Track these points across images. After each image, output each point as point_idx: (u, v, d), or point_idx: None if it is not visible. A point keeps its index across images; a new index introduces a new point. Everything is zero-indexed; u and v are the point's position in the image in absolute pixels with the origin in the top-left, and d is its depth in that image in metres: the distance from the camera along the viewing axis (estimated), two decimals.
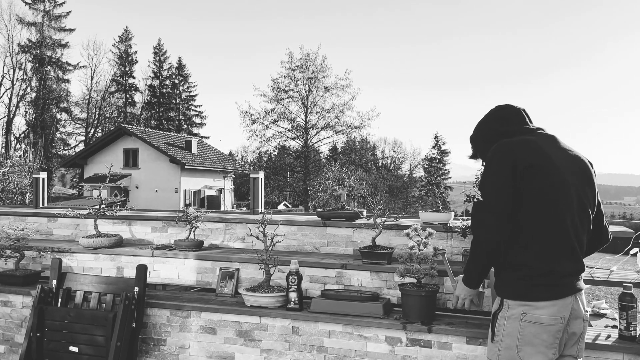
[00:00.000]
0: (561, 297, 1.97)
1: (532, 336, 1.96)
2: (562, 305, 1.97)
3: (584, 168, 2.14)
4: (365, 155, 32.30)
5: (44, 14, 39.00)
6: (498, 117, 2.28)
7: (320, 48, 31.28)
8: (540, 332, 1.95)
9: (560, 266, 1.99)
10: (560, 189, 2.01)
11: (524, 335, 1.97)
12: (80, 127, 42.80)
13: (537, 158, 2.02)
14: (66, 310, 3.52)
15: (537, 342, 1.95)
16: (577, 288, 2.02)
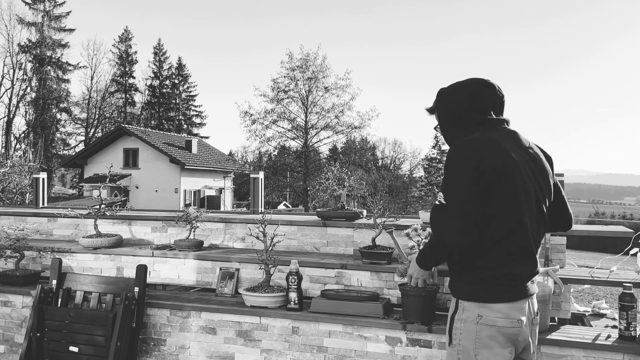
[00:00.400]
0: (518, 299, 1.95)
1: (489, 339, 1.93)
2: (518, 308, 1.95)
3: (542, 167, 2.07)
4: (365, 155, 32.29)
5: (44, 14, 39.00)
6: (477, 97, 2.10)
7: (320, 48, 31.30)
8: (496, 335, 1.92)
9: (519, 269, 1.97)
10: (522, 193, 1.96)
11: (480, 338, 1.94)
12: (80, 127, 42.82)
13: (501, 161, 1.94)
14: (66, 310, 3.52)
15: (493, 344, 1.92)
16: (531, 292, 2.00)
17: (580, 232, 3.60)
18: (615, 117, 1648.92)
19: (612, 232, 3.45)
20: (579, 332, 2.88)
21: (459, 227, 1.91)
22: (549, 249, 3.13)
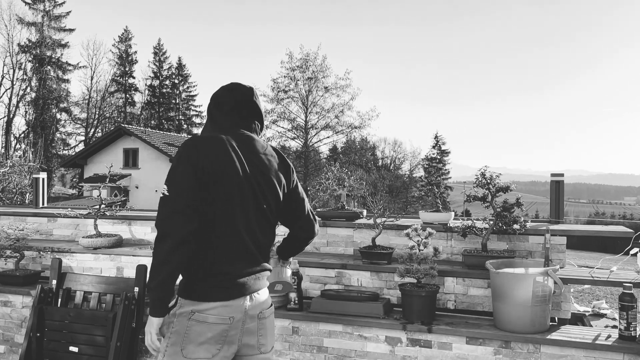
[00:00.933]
0: (232, 298, 2.00)
1: (197, 335, 1.98)
2: (231, 307, 2.00)
3: (268, 172, 2.12)
4: (365, 155, 32.32)
5: (44, 14, 39.00)
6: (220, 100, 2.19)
7: (320, 48, 31.26)
8: (205, 331, 1.98)
9: (234, 268, 2.01)
10: (237, 195, 2.02)
11: (189, 333, 1.99)
12: (80, 127, 42.81)
13: (219, 162, 2.00)
14: (66, 310, 3.52)
15: (201, 340, 1.98)
16: (253, 289, 2.05)
17: (580, 232, 3.60)
18: (616, 117, 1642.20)
19: (612, 232, 3.44)
20: (579, 332, 2.88)
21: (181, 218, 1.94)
22: (549, 249, 3.13)
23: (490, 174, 3.35)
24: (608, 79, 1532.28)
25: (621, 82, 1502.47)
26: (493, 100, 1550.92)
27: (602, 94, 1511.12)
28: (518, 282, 2.79)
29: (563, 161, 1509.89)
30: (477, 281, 3.20)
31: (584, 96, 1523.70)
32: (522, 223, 3.27)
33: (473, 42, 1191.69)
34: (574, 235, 3.48)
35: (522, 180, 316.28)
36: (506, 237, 3.44)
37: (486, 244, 3.29)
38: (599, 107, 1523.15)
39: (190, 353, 1.99)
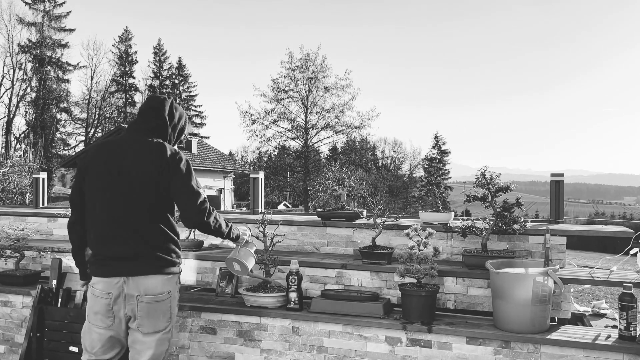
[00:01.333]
0: (108, 276, 2.43)
1: (92, 304, 2.49)
2: (109, 283, 2.43)
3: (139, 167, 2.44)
4: (365, 155, 32.28)
5: (44, 14, 38.96)
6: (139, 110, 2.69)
7: (320, 48, 31.18)
8: (95, 303, 2.47)
9: (105, 250, 2.45)
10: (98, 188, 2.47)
11: (89, 304, 2.51)
12: (80, 127, 42.77)
13: (93, 161, 2.51)
14: (66, 310, 3.52)
15: (95, 309, 2.46)
16: (129, 272, 2.42)
17: (580, 232, 3.60)
18: (616, 117, 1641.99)
19: (612, 232, 3.45)
20: (579, 332, 2.88)
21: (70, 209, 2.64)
22: (549, 249, 3.13)
23: (490, 174, 3.35)
24: (608, 80, 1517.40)
25: (621, 82, 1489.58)
26: (493, 100, 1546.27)
27: (602, 94, 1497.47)
28: (518, 282, 2.79)
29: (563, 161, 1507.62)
30: (477, 281, 3.20)
31: (584, 96, 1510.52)
32: (522, 223, 3.27)
33: (473, 42, 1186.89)
34: (574, 235, 3.48)
35: (522, 180, 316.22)
36: (506, 237, 3.44)
37: (486, 244, 3.29)
38: (599, 108, 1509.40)
39: (92, 319, 2.50)
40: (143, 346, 2.47)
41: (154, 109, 2.63)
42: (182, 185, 2.47)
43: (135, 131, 2.59)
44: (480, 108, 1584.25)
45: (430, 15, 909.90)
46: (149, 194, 2.44)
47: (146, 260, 2.45)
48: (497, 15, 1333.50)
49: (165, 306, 2.49)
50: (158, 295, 2.45)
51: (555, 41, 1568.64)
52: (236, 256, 2.87)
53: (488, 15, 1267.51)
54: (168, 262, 2.50)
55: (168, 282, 2.50)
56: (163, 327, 2.50)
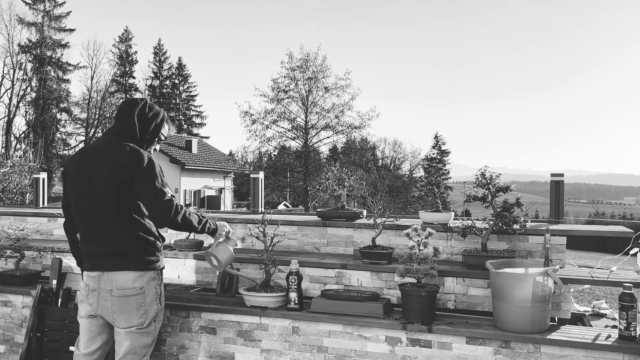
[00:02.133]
0: (87, 270, 2.65)
1: (79, 293, 2.73)
2: (89, 276, 2.63)
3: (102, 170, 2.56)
4: (365, 155, 32.31)
5: (44, 14, 38.95)
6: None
7: (320, 48, 31.21)
8: (80, 294, 2.73)
9: (86, 249, 2.66)
10: (74, 192, 2.64)
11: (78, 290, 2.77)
12: (81, 127, 42.75)
13: (70, 167, 2.67)
14: (66, 310, 3.52)
15: (79, 299, 2.72)
16: (103, 267, 2.59)
17: (580, 232, 3.60)
18: (616, 118, 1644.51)
19: (612, 232, 3.45)
20: (579, 332, 2.88)
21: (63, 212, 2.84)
22: (548, 249, 3.13)
23: (490, 174, 3.35)
24: (609, 80, 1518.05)
25: (621, 82, 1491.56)
26: (493, 100, 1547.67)
27: (602, 94, 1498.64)
28: (518, 282, 2.79)
29: (563, 161, 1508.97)
30: (477, 281, 3.20)
31: (584, 97, 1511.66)
32: (522, 223, 3.27)
33: (473, 42, 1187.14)
34: (574, 235, 3.47)
35: (522, 180, 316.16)
36: (506, 237, 3.44)
37: (486, 244, 3.29)
38: (599, 108, 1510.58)
39: (79, 305, 2.74)
40: (121, 338, 2.62)
41: (123, 111, 2.73)
42: (144, 186, 2.54)
43: (107, 134, 2.73)
44: (481, 108, 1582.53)
45: (430, 14, 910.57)
46: (112, 196, 2.55)
47: (118, 258, 2.58)
48: (497, 14, 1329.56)
49: (137, 301, 2.59)
50: (128, 290, 2.57)
51: (555, 41, 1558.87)
52: (212, 250, 2.98)
53: (488, 15, 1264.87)
54: (139, 259, 2.61)
55: (140, 279, 2.60)
56: (137, 322, 2.60)
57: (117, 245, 2.58)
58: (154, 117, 2.78)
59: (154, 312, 2.66)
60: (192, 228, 2.70)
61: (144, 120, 2.73)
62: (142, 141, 2.73)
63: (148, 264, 2.64)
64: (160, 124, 2.81)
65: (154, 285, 2.65)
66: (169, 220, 2.56)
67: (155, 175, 2.56)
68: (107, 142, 2.65)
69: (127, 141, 2.64)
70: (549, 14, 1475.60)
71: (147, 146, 2.77)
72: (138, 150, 2.59)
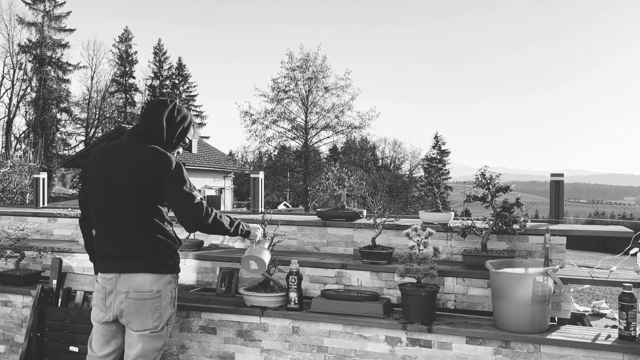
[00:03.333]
0: (103, 272, 2.57)
1: (94, 298, 2.64)
2: (104, 279, 2.56)
3: (125, 171, 2.49)
4: (365, 155, 32.29)
5: (44, 14, 38.96)
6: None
7: (320, 48, 31.18)
8: (95, 297, 2.63)
9: (100, 249, 2.60)
10: (93, 191, 2.58)
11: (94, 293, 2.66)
12: (81, 127, 42.76)
13: (91, 164, 2.60)
14: (66, 310, 3.52)
15: (94, 302, 2.63)
16: (120, 269, 2.52)
17: (580, 232, 3.60)
18: (616, 118, 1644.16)
19: (612, 232, 3.45)
20: (579, 332, 2.88)
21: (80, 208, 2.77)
22: (548, 249, 3.13)
23: (490, 174, 3.35)
24: (609, 80, 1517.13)
25: (622, 82, 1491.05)
26: (493, 100, 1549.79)
27: (602, 94, 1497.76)
28: (518, 282, 2.79)
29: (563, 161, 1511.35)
30: (477, 281, 3.20)
31: (584, 97, 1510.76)
32: (522, 223, 3.28)
33: (473, 42, 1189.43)
34: (574, 235, 3.48)
35: (522, 180, 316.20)
36: (506, 237, 3.44)
37: (486, 244, 3.29)
38: (599, 108, 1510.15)
39: (92, 314, 2.65)
40: (133, 341, 2.55)
41: (151, 112, 2.64)
42: (172, 190, 2.49)
43: (131, 135, 2.63)
44: (481, 108, 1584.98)
45: (429, 14, 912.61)
46: (132, 199, 2.49)
47: (135, 260, 2.52)
48: (497, 15, 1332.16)
49: (154, 305, 2.52)
50: (146, 293, 2.51)
51: (555, 41, 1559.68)
52: (253, 253, 2.79)
53: (488, 15, 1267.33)
54: (157, 263, 2.55)
55: (157, 282, 2.53)
56: (152, 326, 2.53)
57: (134, 247, 2.52)
58: (182, 121, 2.69)
59: (168, 316, 2.60)
60: (224, 230, 2.61)
61: (172, 124, 2.65)
62: (167, 145, 2.65)
63: (166, 267, 2.58)
64: (188, 128, 2.73)
65: (170, 288, 2.59)
66: (200, 223, 2.51)
67: (183, 179, 2.50)
68: (131, 143, 2.57)
69: (152, 143, 2.56)
70: (549, 14, 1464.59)
71: (171, 150, 2.69)
72: (165, 154, 2.52)
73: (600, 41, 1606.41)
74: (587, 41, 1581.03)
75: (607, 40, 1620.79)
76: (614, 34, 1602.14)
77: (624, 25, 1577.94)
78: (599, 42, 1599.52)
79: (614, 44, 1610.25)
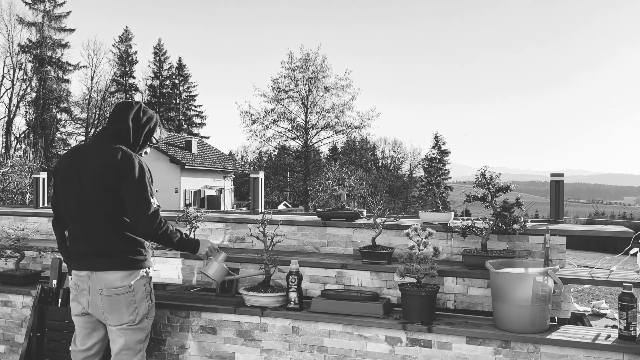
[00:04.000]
0: (75, 269, 2.68)
1: (71, 291, 2.73)
2: (78, 276, 2.66)
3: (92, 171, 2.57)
4: (365, 155, 32.30)
5: (44, 14, 38.94)
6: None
7: (320, 48, 31.20)
8: (71, 291, 2.72)
9: (73, 247, 2.69)
10: (63, 191, 2.66)
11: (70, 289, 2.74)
12: (81, 127, 42.73)
13: (61, 166, 2.69)
14: (66, 310, 3.51)
15: (71, 297, 2.72)
16: (92, 266, 2.60)
17: (580, 232, 3.60)
18: (616, 117, 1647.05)
19: (612, 232, 3.45)
20: (579, 332, 2.88)
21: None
22: (548, 249, 3.13)
23: (490, 174, 3.35)
24: (609, 80, 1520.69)
25: (622, 82, 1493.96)
26: (493, 100, 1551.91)
27: (602, 94, 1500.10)
28: (518, 282, 2.79)
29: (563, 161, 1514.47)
30: (477, 281, 3.20)
31: (584, 96, 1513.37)
32: (522, 223, 3.27)
33: (473, 42, 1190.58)
34: (574, 235, 3.48)
35: (522, 180, 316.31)
36: (506, 237, 3.44)
37: (486, 243, 3.29)
38: (599, 108, 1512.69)
39: (71, 305, 2.75)
40: (115, 336, 2.66)
41: (117, 113, 2.75)
42: (131, 192, 2.57)
43: (99, 136, 2.75)
44: (481, 107, 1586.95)
45: (429, 14, 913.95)
46: (98, 198, 2.57)
47: (106, 258, 2.60)
48: (497, 14, 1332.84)
49: (127, 299, 2.61)
50: (117, 289, 2.60)
51: (555, 41, 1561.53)
52: (202, 269, 3.09)
53: (488, 15, 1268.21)
54: (127, 259, 2.63)
55: (128, 277, 2.62)
56: (128, 319, 2.63)
57: (105, 245, 2.60)
58: (148, 122, 2.80)
59: (145, 309, 2.69)
60: (171, 244, 2.73)
61: (138, 124, 2.76)
62: (135, 144, 2.75)
63: (135, 263, 2.66)
64: (154, 128, 2.84)
65: (142, 283, 2.68)
66: (148, 234, 2.62)
67: (144, 184, 2.59)
68: (99, 143, 2.67)
69: (119, 143, 2.66)
70: (549, 13, 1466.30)
71: (138, 149, 2.79)
72: (130, 155, 2.61)
73: (600, 41, 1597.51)
74: (587, 41, 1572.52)
75: (607, 40, 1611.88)
76: (614, 34, 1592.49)
77: (625, 25, 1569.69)
78: (599, 42, 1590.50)
79: (614, 44, 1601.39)
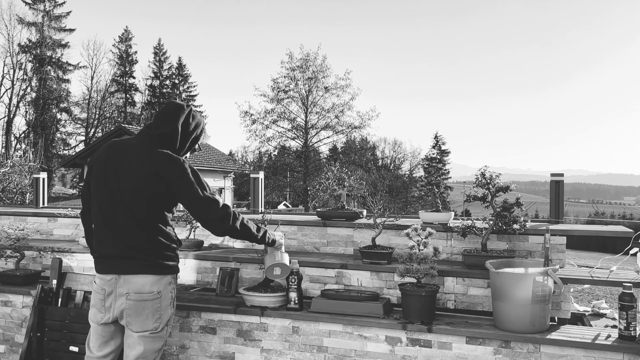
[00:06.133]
0: (102, 273, 2.54)
1: (92, 299, 2.60)
2: (103, 279, 2.53)
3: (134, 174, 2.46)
4: (365, 155, 32.28)
5: (44, 14, 38.96)
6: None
7: (320, 48, 31.19)
8: (93, 297, 2.59)
9: (101, 249, 2.56)
10: (97, 189, 2.53)
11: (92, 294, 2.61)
12: (81, 127, 42.76)
13: (99, 159, 2.55)
14: (66, 310, 3.52)
15: (92, 303, 2.59)
16: (119, 270, 2.49)
17: (580, 232, 3.60)
18: (616, 118, 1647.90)
19: (612, 232, 3.45)
20: (579, 332, 2.88)
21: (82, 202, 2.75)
22: (548, 248, 3.13)
23: (490, 174, 3.35)
24: (609, 79, 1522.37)
25: (622, 82, 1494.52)
26: (493, 100, 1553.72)
27: (602, 93, 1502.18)
28: (518, 282, 2.79)
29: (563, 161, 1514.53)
30: (477, 281, 3.20)
31: (584, 96, 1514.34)
32: (522, 223, 3.28)
33: (473, 42, 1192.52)
34: (574, 235, 3.48)
35: (522, 180, 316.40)
36: (506, 237, 3.44)
37: (486, 243, 3.29)
38: (599, 107, 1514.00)
39: (90, 314, 2.61)
40: (133, 342, 2.52)
41: (166, 115, 2.60)
42: (193, 196, 2.46)
43: (144, 135, 2.58)
44: (481, 107, 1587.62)
45: (429, 13, 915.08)
46: (138, 201, 2.46)
47: (135, 261, 2.49)
48: (497, 14, 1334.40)
49: (154, 306, 2.50)
50: (146, 294, 2.48)
51: (555, 39, 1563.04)
52: (281, 260, 2.91)
53: (488, 14, 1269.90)
54: (157, 264, 2.52)
55: (158, 283, 2.51)
56: (152, 327, 2.51)
57: (135, 249, 2.48)
58: (196, 128, 2.68)
59: (168, 317, 2.58)
60: (252, 237, 2.62)
61: (186, 130, 2.63)
62: (179, 150, 2.63)
63: (166, 268, 2.55)
64: (200, 134, 2.72)
65: (170, 289, 2.57)
66: (228, 229, 2.52)
67: (202, 184, 2.49)
68: (143, 144, 2.53)
69: (165, 148, 2.54)
70: (549, 12, 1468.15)
71: (182, 155, 2.67)
72: (178, 160, 2.50)
73: (600, 39, 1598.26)
74: (587, 39, 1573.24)
75: (607, 39, 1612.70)
76: (614, 33, 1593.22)
77: (625, 24, 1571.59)
78: (599, 40, 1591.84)
79: (614, 43, 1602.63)
